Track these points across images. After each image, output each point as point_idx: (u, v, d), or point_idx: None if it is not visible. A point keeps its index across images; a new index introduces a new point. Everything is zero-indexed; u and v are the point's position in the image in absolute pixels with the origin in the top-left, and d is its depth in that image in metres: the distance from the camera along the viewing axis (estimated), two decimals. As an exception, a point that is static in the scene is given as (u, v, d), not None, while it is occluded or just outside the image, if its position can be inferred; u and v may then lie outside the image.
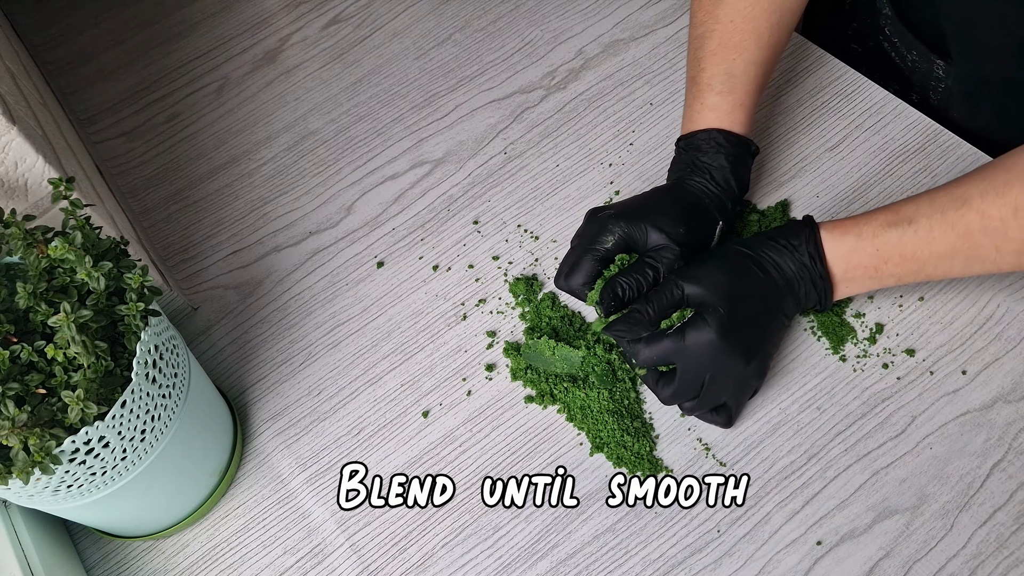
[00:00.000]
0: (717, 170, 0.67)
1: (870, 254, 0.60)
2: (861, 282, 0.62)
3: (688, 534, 0.61)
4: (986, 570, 0.57)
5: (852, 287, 0.62)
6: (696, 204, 0.67)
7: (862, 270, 0.61)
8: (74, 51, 0.96)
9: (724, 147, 0.67)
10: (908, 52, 0.82)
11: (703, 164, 0.67)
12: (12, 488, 0.51)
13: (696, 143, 0.68)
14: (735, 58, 0.68)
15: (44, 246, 0.52)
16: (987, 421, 0.62)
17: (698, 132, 0.68)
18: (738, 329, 0.59)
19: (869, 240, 0.60)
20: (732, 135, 0.68)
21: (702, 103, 0.69)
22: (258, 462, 0.67)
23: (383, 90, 0.88)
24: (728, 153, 0.67)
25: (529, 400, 0.67)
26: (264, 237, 0.79)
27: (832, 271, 0.61)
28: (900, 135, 0.77)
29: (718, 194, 0.67)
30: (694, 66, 0.70)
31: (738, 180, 0.68)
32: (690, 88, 0.71)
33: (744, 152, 0.68)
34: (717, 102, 0.68)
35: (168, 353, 0.56)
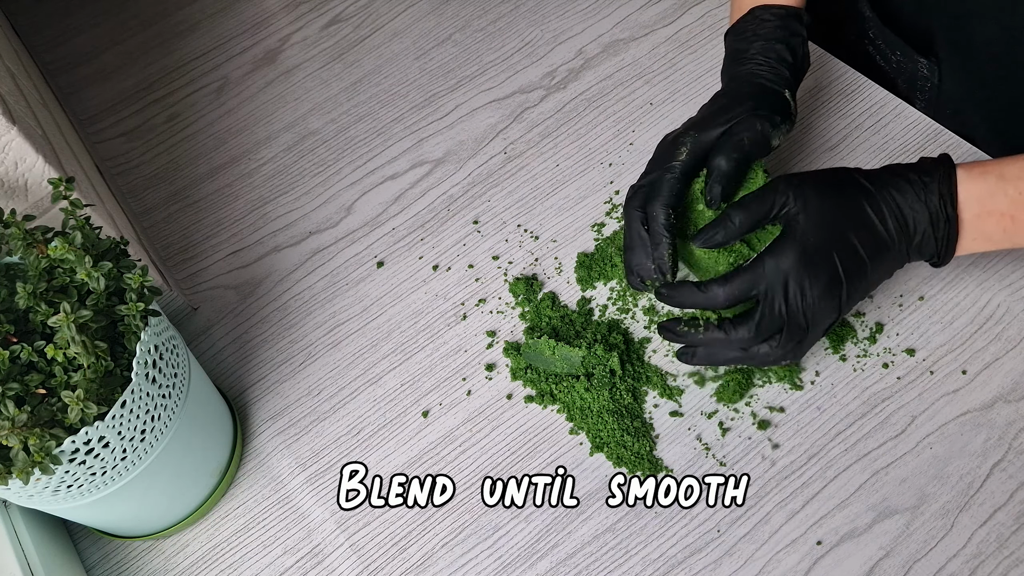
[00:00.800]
0: (765, 44, 0.64)
1: (1011, 198, 0.54)
2: (991, 234, 0.55)
3: (688, 534, 0.61)
4: (986, 570, 0.57)
5: (979, 240, 0.56)
6: (756, 85, 0.63)
7: (996, 217, 0.55)
8: (74, 51, 0.96)
9: (769, 21, 0.65)
10: (892, 53, 0.82)
11: (754, 46, 0.65)
12: (12, 488, 0.51)
13: (740, 28, 0.66)
14: None
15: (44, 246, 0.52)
16: (987, 421, 0.62)
17: (744, 16, 0.66)
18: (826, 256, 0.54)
19: (1012, 182, 0.54)
20: (776, 7, 0.65)
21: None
22: (258, 462, 0.67)
23: (383, 90, 0.88)
24: (775, 25, 0.65)
25: (529, 400, 0.67)
26: (264, 237, 0.79)
27: (962, 216, 0.55)
28: (900, 135, 0.77)
29: (774, 68, 0.64)
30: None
31: (791, 50, 0.64)
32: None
33: (793, 22, 0.65)
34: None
35: (168, 353, 0.56)
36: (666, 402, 0.66)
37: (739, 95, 0.63)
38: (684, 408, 0.66)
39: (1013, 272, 0.68)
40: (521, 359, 0.68)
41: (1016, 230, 0.55)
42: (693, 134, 0.61)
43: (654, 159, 0.63)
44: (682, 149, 0.61)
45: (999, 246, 0.57)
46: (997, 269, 0.68)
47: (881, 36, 0.82)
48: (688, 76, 0.84)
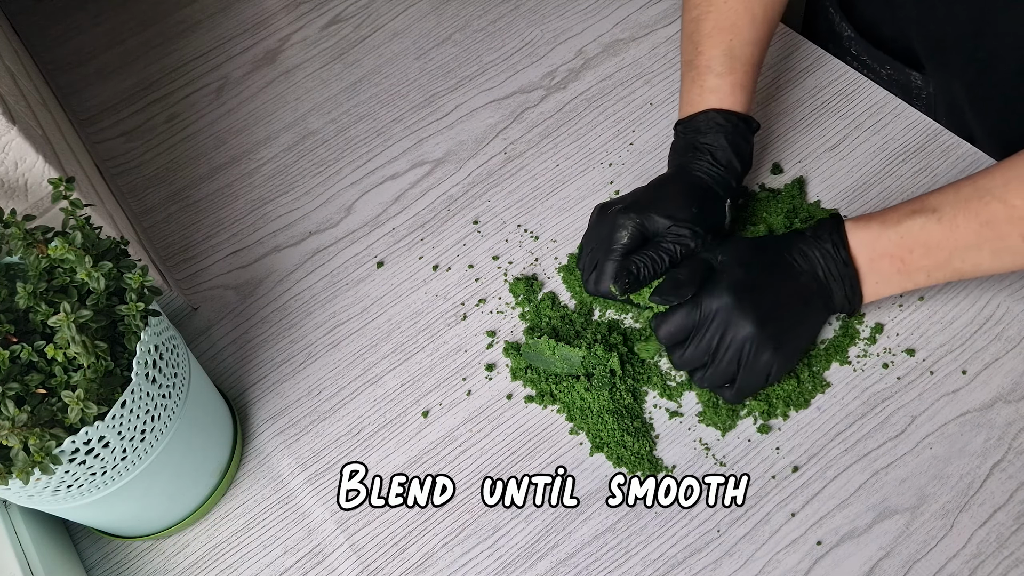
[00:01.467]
0: (719, 150, 0.67)
1: (894, 242, 0.59)
2: (889, 277, 0.61)
3: (688, 534, 0.61)
4: (986, 570, 0.57)
5: (881, 284, 0.61)
6: (702, 186, 0.66)
7: (888, 260, 0.60)
8: (74, 51, 0.96)
9: (724, 126, 0.67)
10: (881, 67, 0.82)
11: (704, 145, 0.67)
12: (12, 488, 0.51)
13: (696, 125, 0.68)
14: (732, 39, 0.68)
15: (44, 246, 0.52)
16: (987, 421, 0.62)
17: (697, 115, 0.68)
18: (754, 294, 0.59)
19: (892, 227, 0.59)
20: (731, 114, 0.68)
21: (702, 86, 0.69)
22: (258, 462, 0.67)
23: (383, 90, 0.88)
24: (728, 132, 0.67)
25: (529, 400, 0.67)
26: (264, 237, 0.79)
27: (856, 260, 0.61)
28: (900, 135, 0.77)
29: (722, 174, 0.67)
30: (690, 49, 0.70)
31: (740, 158, 0.68)
32: (687, 72, 0.70)
33: (745, 129, 0.68)
34: (717, 84, 0.68)
35: (168, 353, 0.56)
36: (666, 402, 0.66)
37: (690, 195, 0.66)
38: (684, 408, 0.66)
39: (1013, 272, 0.68)
40: (521, 359, 0.68)
41: (909, 271, 0.60)
42: (635, 218, 0.64)
43: (596, 235, 0.66)
44: (623, 232, 0.64)
45: (901, 288, 0.61)
46: (997, 269, 0.68)
47: (866, 53, 0.83)
48: (688, 76, 0.84)
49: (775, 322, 0.60)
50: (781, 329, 0.60)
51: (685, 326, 0.61)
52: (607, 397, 0.65)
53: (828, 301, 0.62)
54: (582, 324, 0.69)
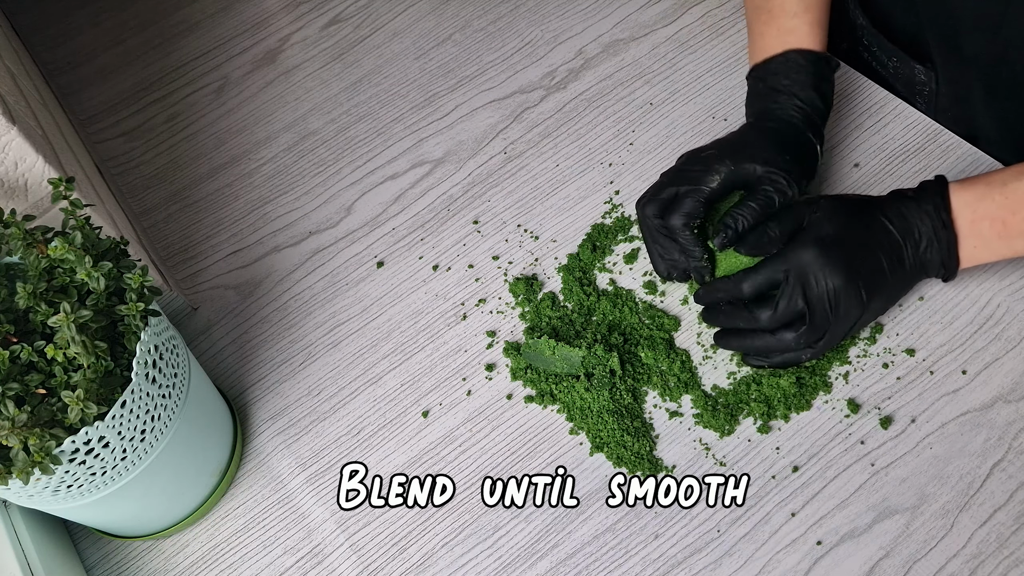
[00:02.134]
0: (801, 90, 0.66)
1: (998, 203, 0.58)
2: (989, 240, 0.59)
3: (688, 534, 0.61)
4: (986, 570, 0.57)
5: (980, 247, 0.60)
6: (792, 130, 0.66)
7: (989, 222, 0.59)
8: (74, 51, 0.96)
9: (805, 67, 0.66)
10: (888, 59, 0.82)
11: (786, 87, 0.66)
12: (12, 488, 0.51)
13: (775, 68, 0.67)
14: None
15: (44, 246, 0.52)
16: (987, 421, 0.62)
17: (775, 57, 0.67)
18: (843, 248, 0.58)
19: (998, 188, 0.58)
20: (811, 53, 0.67)
21: (779, 28, 0.68)
22: (258, 462, 0.67)
23: (383, 90, 0.88)
24: (810, 72, 0.66)
25: (529, 400, 0.67)
26: (264, 237, 0.79)
27: (957, 222, 0.59)
28: (900, 135, 0.77)
29: (809, 115, 0.66)
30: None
31: (824, 99, 0.67)
32: (758, 16, 0.69)
33: (826, 68, 0.67)
34: (795, 24, 0.67)
35: (168, 353, 0.56)
36: (666, 402, 0.66)
37: (779, 139, 0.64)
38: (684, 408, 0.66)
39: (1013, 272, 0.68)
40: (521, 359, 0.68)
41: (1009, 234, 0.59)
42: (729, 164, 0.63)
43: (680, 173, 0.64)
44: (715, 176, 0.63)
45: (999, 254, 0.60)
46: (997, 269, 0.68)
47: (876, 43, 0.83)
48: (688, 76, 0.84)
49: (865, 278, 0.59)
50: (870, 285, 0.59)
51: (772, 280, 0.60)
52: (607, 397, 0.65)
53: (923, 264, 0.61)
54: (582, 324, 0.69)
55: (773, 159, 0.63)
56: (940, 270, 0.61)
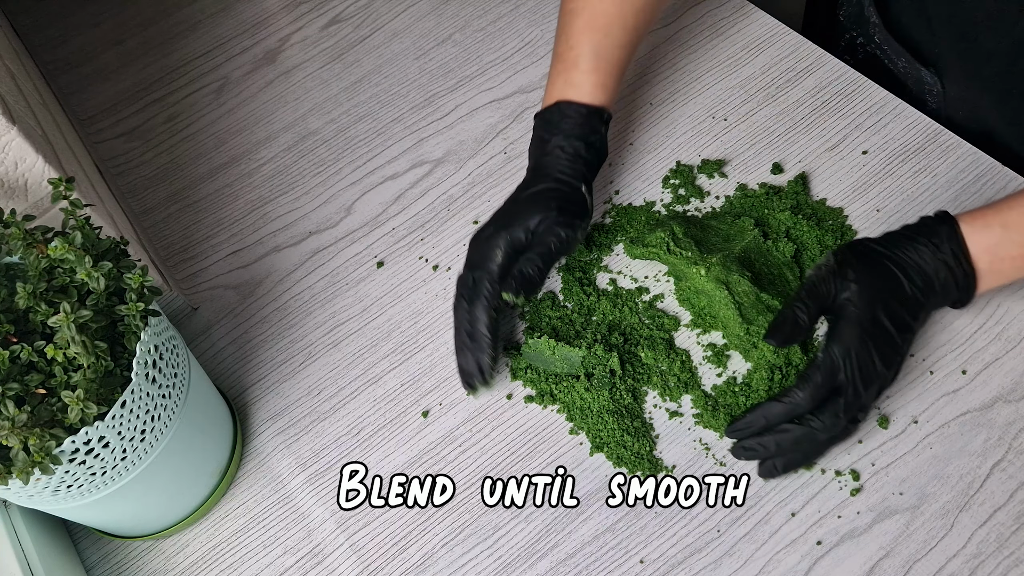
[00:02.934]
0: (565, 140, 0.68)
1: (1017, 244, 0.58)
2: (1007, 274, 0.60)
3: (688, 534, 0.61)
4: (986, 570, 0.57)
5: (996, 279, 0.60)
6: (558, 183, 0.67)
7: (1010, 261, 0.59)
8: (74, 51, 0.96)
9: (572, 118, 0.68)
10: (898, 59, 0.82)
11: (551, 137, 0.68)
12: (12, 488, 0.51)
13: (547, 117, 0.69)
14: (601, 39, 0.69)
15: (44, 246, 0.52)
16: (987, 421, 0.62)
17: (551, 106, 0.69)
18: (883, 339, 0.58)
19: (1016, 230, 0.58)
20: (582, 105, 0.68)
21: (566, 80, 0.70)
22: (258, 462, 0.67)
23: (383, 90, 0.88)
24: (576, 123, 0.68)
25: (529, 400, 0.67)
26: (264, 237, 0.79)
27: (977, 266, 0.59)
28: (900, 135, 0.77)
29: (572, 162, 0.68)
30: (562, 42, 0.71)
31: (588, 146, 0.68)
32: (555, 64, 0.71)
33: (595, 119, 0.69)
34: (581, 80, 0.69)
35: (168, 353, 0.56)
36: (666, 402, 0.66)
37: (543, 195, 0.67)
38: (684, 408, 0.66)
39: (1013, 272, 0.68)
40: (521, 359, 0.68)
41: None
42: (504, 236, 0.65)
43: (472, 259, 0.67)
44: (496, 251, 0.65)
45: (1014, 279, 0.61)
46: (997, 269, 0.68)
47: (886, 42, 0.83)
48: (688, 76, 0.84)
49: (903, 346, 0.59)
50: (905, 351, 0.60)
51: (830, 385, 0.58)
52: (607, 397, 0.65)
53: (940, 303, 0.61)
54: (582, 324, 0.69)
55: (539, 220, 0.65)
56: (956, 303, 0.62)
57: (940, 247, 0.59)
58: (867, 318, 0.58)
